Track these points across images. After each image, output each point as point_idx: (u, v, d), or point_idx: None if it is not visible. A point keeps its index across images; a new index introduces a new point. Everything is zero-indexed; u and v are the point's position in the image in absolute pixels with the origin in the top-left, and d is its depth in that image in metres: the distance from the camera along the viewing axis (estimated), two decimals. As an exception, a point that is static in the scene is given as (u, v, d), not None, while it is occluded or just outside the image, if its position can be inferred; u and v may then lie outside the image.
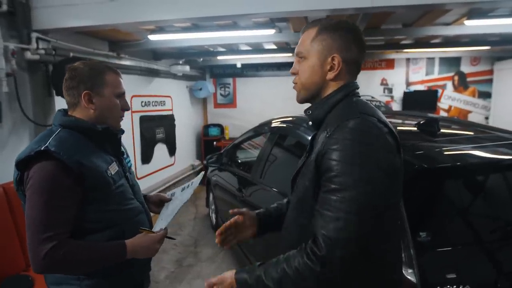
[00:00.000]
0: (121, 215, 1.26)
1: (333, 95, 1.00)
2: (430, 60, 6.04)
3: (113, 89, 1.27)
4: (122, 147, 1.45)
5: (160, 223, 1.34)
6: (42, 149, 1.10)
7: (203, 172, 1.58)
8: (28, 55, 2.67)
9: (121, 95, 1.31)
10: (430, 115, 2.72)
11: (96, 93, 1.24)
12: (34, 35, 2.65)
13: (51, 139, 1.14)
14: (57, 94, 2.79)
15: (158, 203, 1.54)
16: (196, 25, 3.37)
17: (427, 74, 6.12)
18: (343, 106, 0.97)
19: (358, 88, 1.03)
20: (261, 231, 1.26)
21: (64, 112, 1.28)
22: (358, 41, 1.00)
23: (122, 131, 1.43)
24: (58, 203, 1.10)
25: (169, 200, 1.53)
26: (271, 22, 3.28)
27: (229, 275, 1.01)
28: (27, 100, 2.72)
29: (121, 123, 1.36)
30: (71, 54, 3.07)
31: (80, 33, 3.30)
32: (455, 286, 1.28)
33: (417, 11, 3.05)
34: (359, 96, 1.02)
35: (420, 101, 6.00)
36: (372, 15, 2.92)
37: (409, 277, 1.28)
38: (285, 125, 2.77)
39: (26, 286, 2.00)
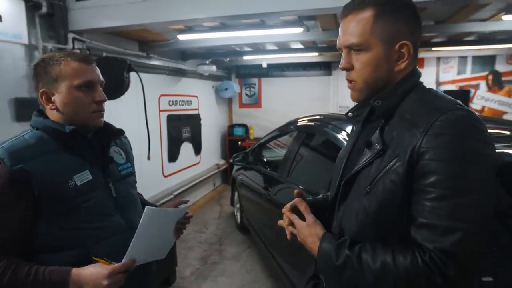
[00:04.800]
0: (87, 234, 1.05)
1: (402, 83, 0.86)
2: (462, 58, 5.81)
3: (72, 80, 1.05)
4: (119, 150, 1.26)
5: (130, 250, 1.02)
6: None
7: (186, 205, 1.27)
8: (65, 54, 2.78)
9: (86, 85, 1.07)
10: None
11: (53, 90, 1.06)
12: (70, 35, 2.75)
13: (8, 141, 1.02)
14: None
15: None
16: (224, 25, 3.40)
17: (458, 73, 5.89)
18: (423, 95, 0.85)
19: None
20: None
21: (39, 112, 1.12)
22: (419, 18, 0.86)
23: (119, 132, 1.24)
24: None
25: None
26: (299, 20, 3.27)
27: (314, 233, 0.90)
28: (63, 98, 2.83)
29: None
30: (104, 54, 3.18)
31: (111, 33, 3.40)
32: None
33: (453, 6, 2.94)
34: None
35: (452, 101, 5.79)
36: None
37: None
38: (313, 124, 2.75)
39: None
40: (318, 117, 2.76)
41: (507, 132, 1.91)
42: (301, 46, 4.89)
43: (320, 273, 0.89)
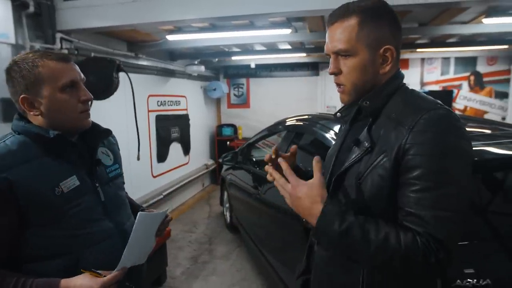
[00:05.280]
0: (76, 240, 1.02)
1: (387, 85, 0.92)
2: (446, 60, 5.97)
3: (54, 82, 0.99)
4: (107, 151, 1.22)
5: (122, 259, 1.00)
6: None
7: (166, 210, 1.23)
8: (52, 54, 2.75)
9: (70, 85, 1.02)
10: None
11: (34, 95, 0.99)
12: (58, 35, 2.74)
13: None
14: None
15: None
16: (213, 25, 3.43)
17: (442, 74, 6.05)
18: (407, 96, 0.91)
19: None
20: None
21: (20, 115, 1.06)
22: (399, 23, 0.92)
23: (106, 132, 1.19)
24: None
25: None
26: (287, 21, 3.32)
27: (317, 193, 0.85)
28: (51, 98, 2.81)
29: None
30: (92, 54, 3.16)
31: (100, 33, 3.39)
32: (475, 280, 1.28)
33: (435, 10, 3.04)
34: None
35: (435, 101, 5.94)
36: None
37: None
38: (301, 123, 2.80)
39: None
40: (306, 116, 2.81)
41: (488, 131, 2.00)
42: (289, 47, 4.95)
43: (315, 237, 0.89)
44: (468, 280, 1.27)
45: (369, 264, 0.85)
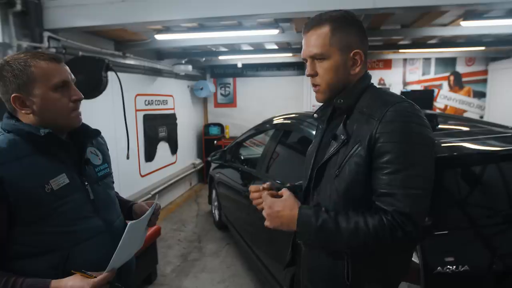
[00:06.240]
0: (65, 237, 1.03)
1: (358, 84, 1.04)
2: (427, 60, 6.16)
3: (46, 82, 1.01)
4: (96, 151, 1.24)
5: (112, 262, 1.01)
6: None
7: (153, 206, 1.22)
8: (40, 53, 2.74)
9: (61, 84, 1.04)
10: (429, 111, 2.83)
11: (27, 94, 1.01)
12: (46, 34, 2.73)
13: None
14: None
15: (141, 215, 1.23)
16: (202, 25, 3.46)
17: (423, 74, 6.24)
18: (375, 93, 1.03)
19: None
20: None
21: (10, 113, 1.07)
22: (364, 30, 1.05)
23: (95, 132, 1.22)
24: None
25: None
26: (275, 22, 3.38)
27: (292, 203, 1.01)
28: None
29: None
30: (80, 53, 3.15)
31: (87, 32, 3.38)
32: (454, 267, 1.37)
33: (416, 12, 3.16)
34: None
35: (417, 100, 5.78)
36: (373, 16, 3.03)
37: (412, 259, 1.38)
38: (289, 121, 2.87)
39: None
40: (293, 115, 2.88)
41: (467, 129, 2.12)
42: (275, 47, 5.02)
43: (299, 238, 1.00)
44: (448, 267, 1.37)
45: (347, 250, 0.98)
